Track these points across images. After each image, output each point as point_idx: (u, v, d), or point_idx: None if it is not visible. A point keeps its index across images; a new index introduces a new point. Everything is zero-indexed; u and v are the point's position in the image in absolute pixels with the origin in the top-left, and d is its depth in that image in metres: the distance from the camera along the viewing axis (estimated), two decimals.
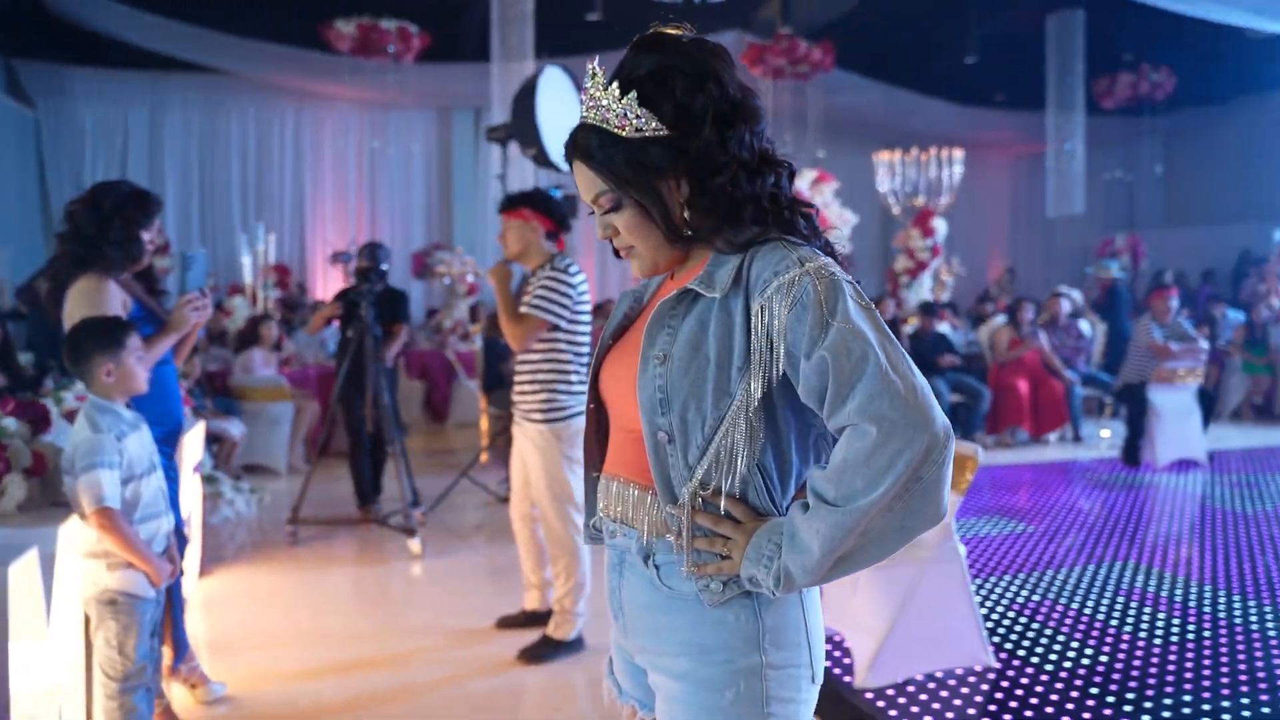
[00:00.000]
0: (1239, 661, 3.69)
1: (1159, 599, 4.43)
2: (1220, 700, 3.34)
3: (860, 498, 1.27)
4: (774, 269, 1.34)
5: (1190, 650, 3.80)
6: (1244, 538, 5.51)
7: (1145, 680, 3.51)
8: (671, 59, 1.40)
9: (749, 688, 1.39)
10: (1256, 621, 4.13)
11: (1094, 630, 4.01)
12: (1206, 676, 3.55)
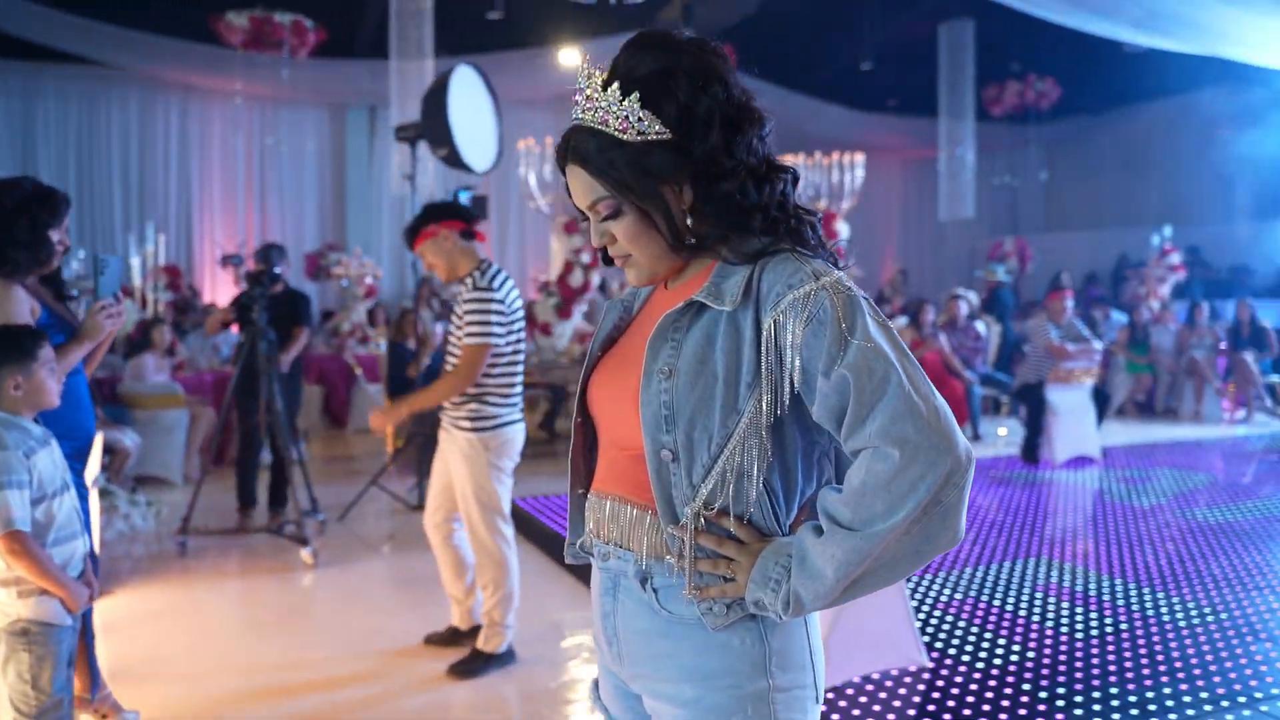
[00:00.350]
0: (1156, 650, 3.81)
1: (1074, 593, 4.54)
2: (1144, 691, 3.43)
3: (879, 522, 1.23)
4: (787, 282, 1.29)
5: (1110, 642, 3.90)
6: (1142, 530, 5.71)
7: (1073, 674, 3.58)
8: (674, 59, 1.33)
9: (756, 712, 1.34)
10: (1167, 611, 4.27)
11: (1018, 626, 4.09)
12: (1129, 667, 3.64)
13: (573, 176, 1.39)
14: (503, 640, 3.87)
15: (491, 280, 3.77)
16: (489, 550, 3.84)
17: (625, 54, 1.36)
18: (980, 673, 3.60)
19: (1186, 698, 3.39)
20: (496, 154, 6.40)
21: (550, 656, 4.02)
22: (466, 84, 6.13)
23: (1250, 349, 10.46)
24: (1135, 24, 10.13)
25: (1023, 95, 14.26)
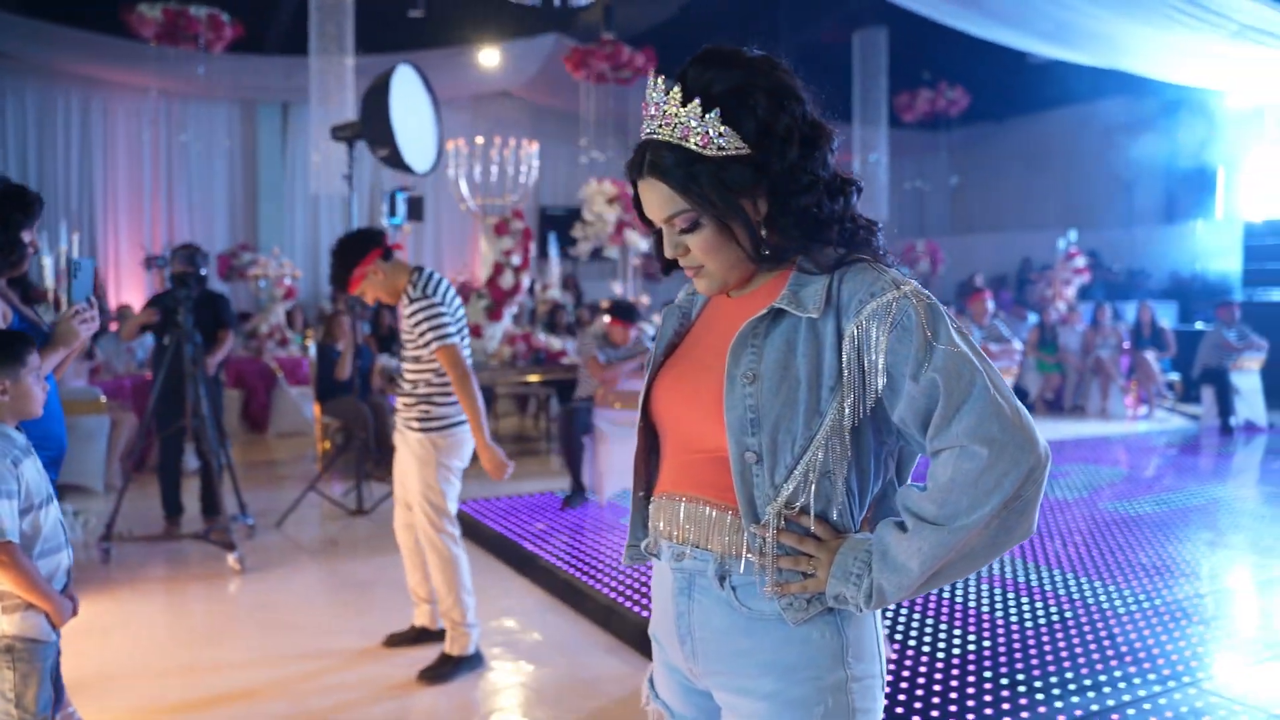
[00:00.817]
0: (1101, 635, 3.99)
1: (1016, 584, 4.72)
2: (1096, 674, 3.60)
3: (964, 517, 1.29)
4: (869, 290, 1.35)
5: (1057, 628, 4.07)
6: (1067, 522, 5.96)
7: (1028, 660, 3.73)
8: (751, 77, 1.37)
9: (836, 703, 1.39)
10: (1105, 598, 4.48)
11: (969, 616, 4.24)
12: (1078, 652, 3.81)
13: (649, 189, 1.42)
14: (469, 640, 3.87)
15: (426, 286, 3.79)
16: (438, 549, 3.85)
17: (696, 70, 1.39)
18: (942, 661, 3.72)
19: (1136, 680, 3.56)
20: (436, 155, 6.37)
21: (512, 656, 4.02)
22: (407, 84, 6.10)
23: (1151, 348, 10.96)
24: (1044, 36, 10.51)
25: (934, 103, 14.67)
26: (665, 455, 1.54)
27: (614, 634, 4.25)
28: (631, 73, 12.24)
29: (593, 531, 5.83)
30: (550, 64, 13.69)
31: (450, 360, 3.71)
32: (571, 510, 6.36)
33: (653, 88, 1.40)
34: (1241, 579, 5.05)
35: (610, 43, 11.85)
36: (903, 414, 1.34)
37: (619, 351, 6.67)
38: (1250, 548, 5.57)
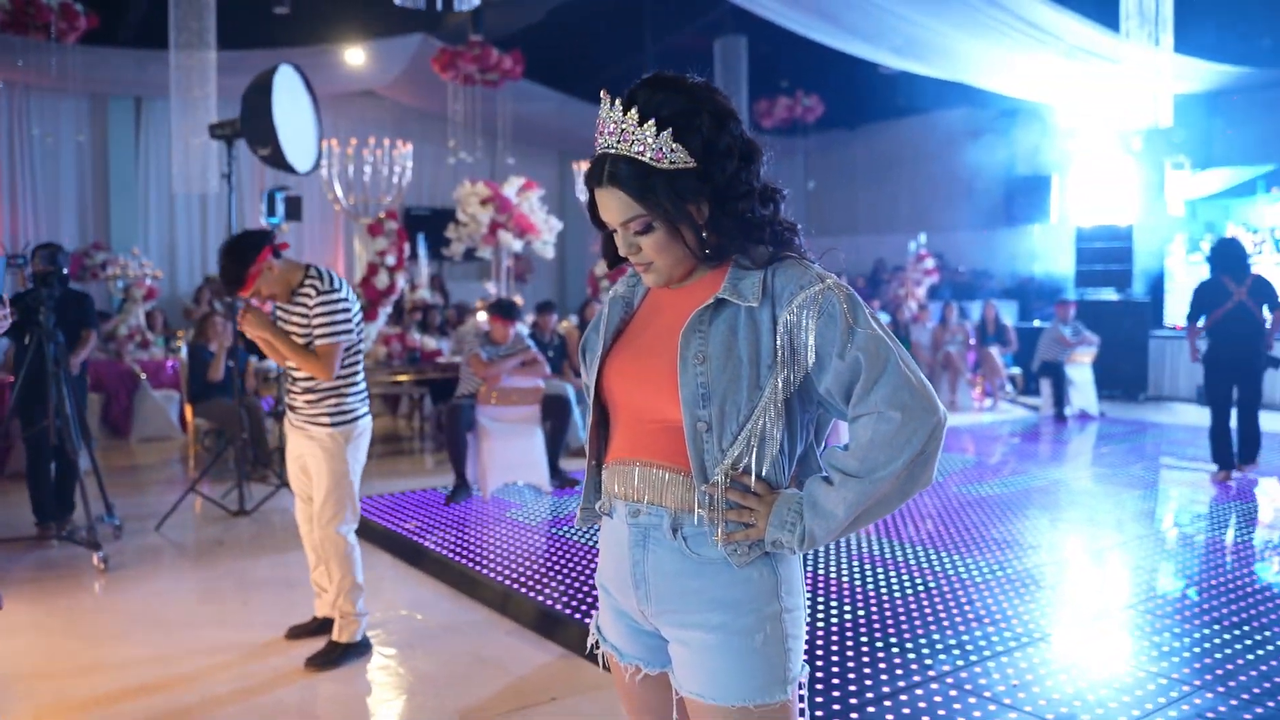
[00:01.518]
0: (962, 601, 4.38)
1: (885, 560, 5.10)
2: (960, 635, 3.97)
3: (881, 469, 1.55)
4: (799, 283, 1.59)
5: (924, 597, 4.45)
6: (928, 505, 6.41)
7: (899, 626, 4.09)
8: (696, 100, 1.59)
9: (774, 629, 1.64)
10: (964, 569, 4.89)
11: (844, 590, 4.58)
12: (943, 616, 4.19)
13: (608, 197, 1.62)
14: (357, 628, 3.97)
15: (332, 281, 3.90)
16: (333, 540, 3.93)
17: (646, 93, 1.60)
18: (822, 629, 4.03)
19: (995, 638, 3.95)
20: (317, 154, 6.39)
21: (415, 642, 4.15)
22: (288, 83, 6.11)
23: (995, 344, 11.70)
24: (895, 50, 11.12)
25: (792, 109, 15.24)
26: (618, 427, 1.75)
27: (511, 618, 4.42)
28: (499, 75, 12.33)
29: (480, 525, 5.97)
30: (416, 64, 13.65)
31: (327, 356, 3.80)
32: (456, 505, 6.48)
33: (610, 108, 1.61)
34: (1078, 550, 5.56)
35: (479, 45, 11.92)
36: (829, 386, 1.59)
37: (500, 349, 6.82)
38: (1085, 522, 6.12)
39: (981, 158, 15.14)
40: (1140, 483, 7.40)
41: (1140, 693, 3.43)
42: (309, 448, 3.96)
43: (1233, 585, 4.72)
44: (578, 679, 3.72)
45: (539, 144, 16.89)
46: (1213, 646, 3.88)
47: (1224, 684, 3.51)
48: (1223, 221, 12.68)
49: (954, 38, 10.59)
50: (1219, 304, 7.29)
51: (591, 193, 1.67)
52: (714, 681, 1.63)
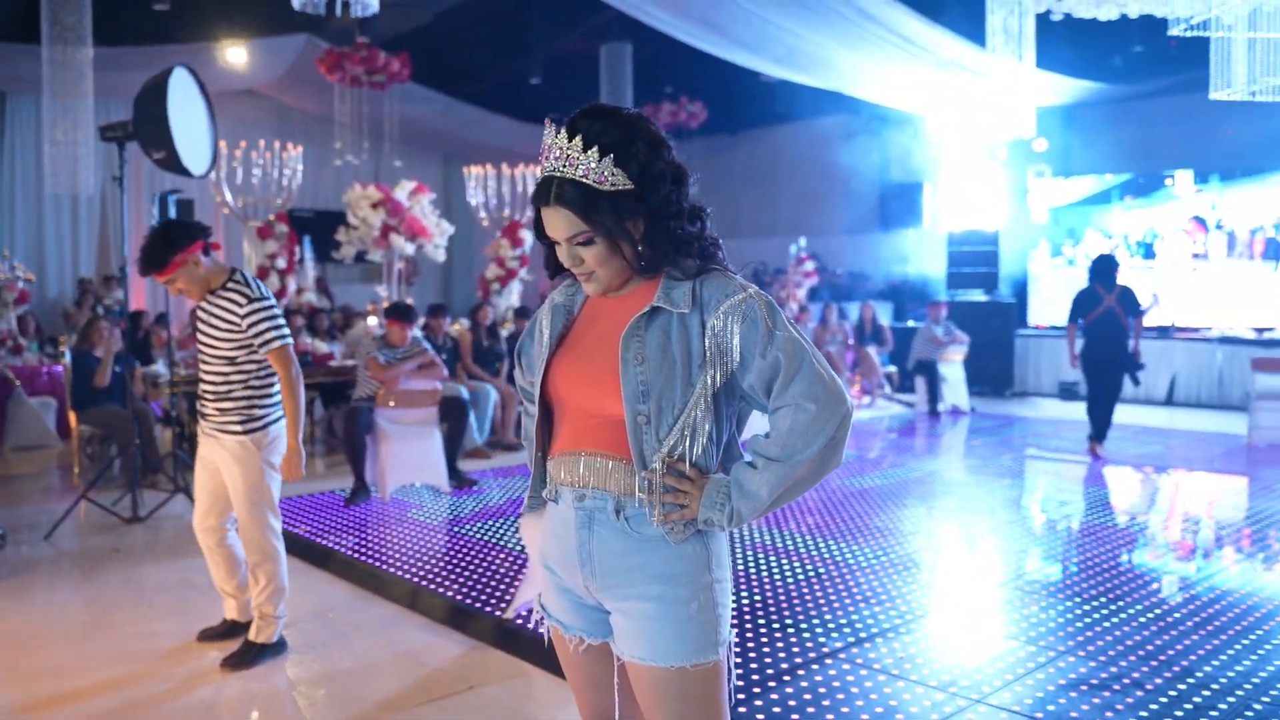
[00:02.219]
0: (850, 585, 4.68)
1: (776, 549, 5.37)
2: (850, 615, 4.26)
3: (800, 454, 1.77)
4: (724, 292, 1.80)
5: (815, 582, 4.73)
6: (813, 498, 6.72)
7: (794, 608, 4.35)
8: (633, 130, 1.79)
9: (706, 598, 1.84)
10: (852, 556, 5.20)
11: (741, 575, 4.83)
12: (833, 599, 4.47)
13: (554, 214, 1.80)
14: (274, 630, 4.03)
15: (259, 288, 3.96)
16: (262, 546, 3.98)
17: (587, 122, 1.78)
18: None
19: (881, 616, 4.25)
20: (212, 157, 6.36)
21: (330, 641, 4.22)
22: (183, 86, 6.06)
23: (872, 344, 12.21)
24: (777, 60, 11.52)
25: (676, 115, 15.56)
26: (562, 422, 1.93)
27: (421, 613, 4.53)
28: (386, 77, 12.30)
29: (382, 525, 6.04)
30: (299, 64, 13.51)
31: (286, 360, 3.87)
32: (356, 507, 6.52)
33: (555, 135, 1.79)
34: (953, 535, 5.95)
35: (365, 47, 11.88)
36: (752, 382, 1.80)
37: (398, 352, 6.88)
38: (959, 510, 6.53)
39: (857, 164, 15.73)
40: (1009, 472, 7.90)
41: (1013, 659, 3.76)
42: (221, 456, 3.97)
43: (1091, 562, 5.14)
44: (492, 668, 3.86)
45: (423, 146, 16.85)
46: (1075, 616, 4.25)
47: (1084, 649, 3.86)
48: (1082, 228, 13.49)
49: (832, 49, 11.03)
50: (1092, 309, 8.29)
51: (538, 210, 1.84)
52: (654, 646, 1.83)
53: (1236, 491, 7.18)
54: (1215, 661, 3.73)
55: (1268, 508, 6.37)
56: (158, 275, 3.91)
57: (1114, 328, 8.24)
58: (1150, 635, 4.02)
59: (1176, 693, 3.45)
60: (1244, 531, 5.91)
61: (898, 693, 3.48)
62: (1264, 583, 4.85)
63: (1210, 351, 11.63)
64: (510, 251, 10.58)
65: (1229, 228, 12.60)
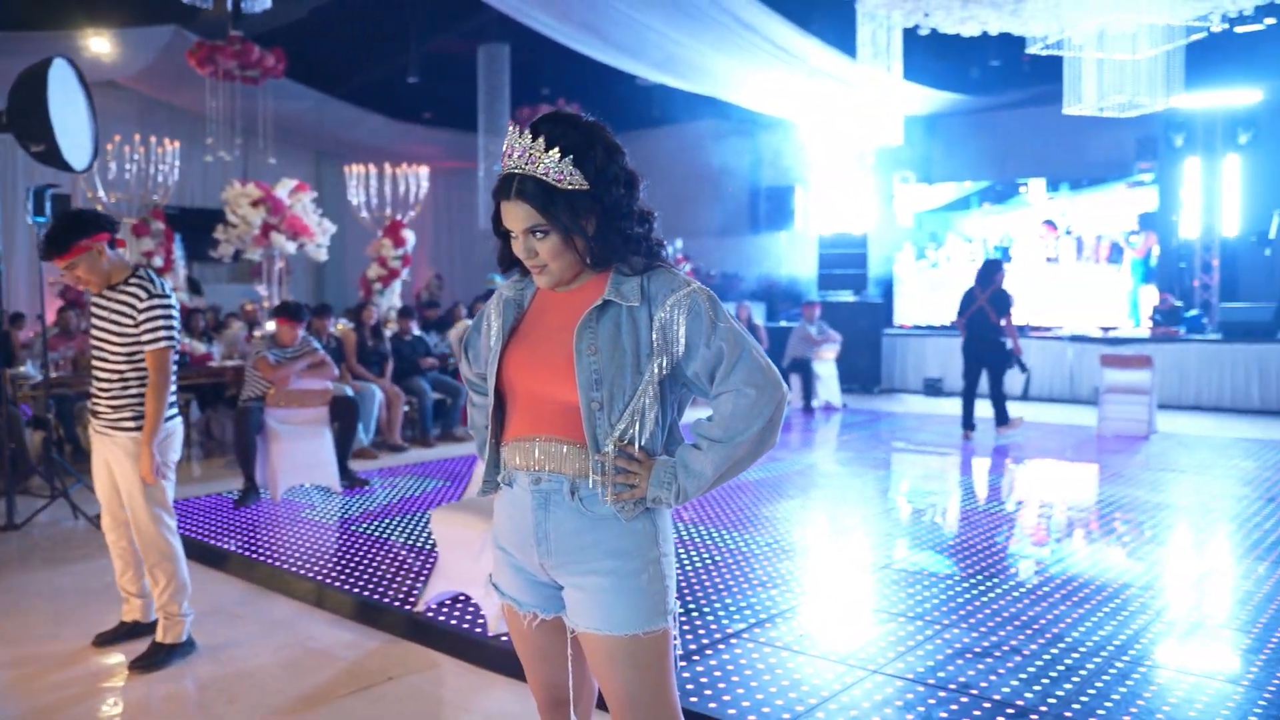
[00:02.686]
0: (745, 570, 4.90)
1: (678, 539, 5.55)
2: (748, 597, 4.48)
3: (740, 435, 1.94)
4: (670, 287, 1.96)
5: (713, 569, 4.94)
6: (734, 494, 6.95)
7: (695, 593, 4.55)
8: (591, 135, 1.94)
9: (655, 570, 2.00)
10: (744, 544, 5.43)
11: None
12: (731, 584, 4.69)
13: (514, 207, 1.93)
14: (182, 629, 4.01)
15: (161, 285, 3.95)
16: (157, 544, 3.95)
17: (549, 126, 1.93)
18: None
19: (778, 597, 4.49)
20: (93, 151, 6.19)
21: (228, 641, 4.22)
22: (63, 77, 5.89)
23: None
24: (656, 65, 11.76)
25: None
26: (516, 409, 2.06)
27: (329, 610, 4.56)
28: (260, 72, 12.06)
29: (278, 525, 6.00)
30: (166, 57, 13.11)
31: (161, 363, 3.86)
32: (247, 508, 6.45)
33: (518, 136, 1.93)
34: (835, 523, 6.25)
35: (240, 40, 11.63)
36: (696, 370, 1.97)
37: (287, 351, 6.83)
38: (839, 500, 6.86)
39: (731, 168, 16.13)
40: (881, 464, 8.31)
41: (903, 633, 4.04)
42: (114, 453, 3.93)
43: (964, 544, 5.50)
44: (410, 660, 3.94)
45: (294, 144, 16.53)
46: (955, 594, 4.57)
47: (965, 622, 4.18)
48: (944, 232, 14.17)
49: (709, 55, 11.33)
50: (968, 307, 9.25)
51: (498, 204, 1.97)
52: (609, 616, 1.98)
53: (1089, 478, 7.73)
54: (1081, 628, 4.09)
55: (1117, 492, 6.89)
56: (58, 259, 3.85)
57: (983, 326, 9.10)
58: (1023, 608, 4.36)
59: (1050, 656, 3.78)
60: (1097, 513, 6.39)
61: (800, 666, 3.70)
62: (1118, 557, 5.29)
63: (1062, 349, 12.38)
64: (392, 251, 10.52)
65: (1077, 233, 13.44)
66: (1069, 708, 3.32)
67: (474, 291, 19.31)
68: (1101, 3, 8.17)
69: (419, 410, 9.27)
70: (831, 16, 11.31)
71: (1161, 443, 9.08)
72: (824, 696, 3.43)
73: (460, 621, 4.19)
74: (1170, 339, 11.79)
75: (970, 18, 8.80)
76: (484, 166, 15.46)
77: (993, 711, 3.30)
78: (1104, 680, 3.54)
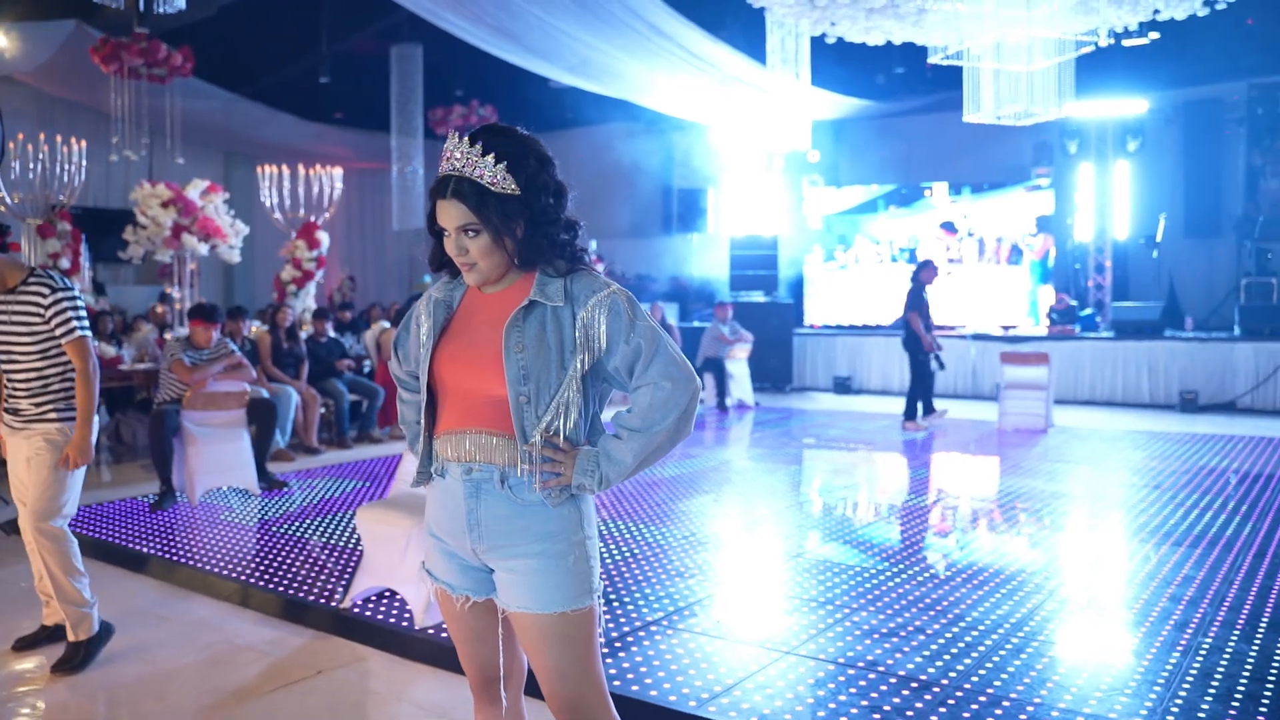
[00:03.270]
0: (658, 565, 5.07)
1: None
2: (662, 591, 4.64)
3: (658, 425, 2.09)
4: (591, 289, 2.10)
5: (631, 562, 5.09)
6: (619, 489, 7.11)
7: (615, 583, 4.70)
8: (525, 146, 2.08)
9: (580, 552, 2.14)
10: (662, 538, 5.60)
11: None
12: (649, 577, 4.85)
13: (450, 206, 2.06)
14: (91, 620, 3.97)
15: (64, 280, 3.95)
16: (55, 536, 3.92)
17: (487, 136, 2.07)
18: None
19: (696, 586, 4.66)
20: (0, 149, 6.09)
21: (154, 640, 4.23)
22: None
23: None
24: (570, 69, 11.90)
25: (467, 118, 15.67)
26: (448, 404, 2.18)
27: (255, 609, 4.60)
28: (168, 70, 11.87)
29: (197, 528, 5.98)
30: (66, 52, 12.80)
31: (84, 352, 3.88)
32: (163, 511, 6.40)
33: (458, 142, 2.05)
34: (748, 517, 6.46)
35: (146, 38, 11.43)
36: (617, 364, 2.11)
37: (203, 353, 6.79)
38: (752, 494, 7.08)
39: (643, 170, 16.33)
40: (792, 460, 8.56)
41: (814, 617, 4.25)
42: (32, 444, 3.91)
43: (872, 534, 5.75)
44: (338, 654, 4.01)
45: (201, 143, 16.25)
46: (861, 580, 4.80)
47: (872, 605, 4.40)
48: (852, 234, 14.55)
49: (623, 60, 11.51)
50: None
51: (434, 204, 2.10)
52: (538, 596, 2.11)
53: (991, 470, 8.09)
54: (980, 609, 4.34)
55: (1017, 483, 7.24)
56: None
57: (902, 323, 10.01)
58: (926, 591, 4.61)
59: (951, 634, 4.02)
60: (999, 503, 6.71)
61: (719, 650, 3.88)
62: (1018, 544, 5.59)
63: (965, 347, 12.84)
64: (307, 253, 10.46)
65: (979, 235, 13.94)
66: (968, 680, 3.55)
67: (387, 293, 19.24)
68: (997, 17, 8.54)
69: (335, 412, 9.25)
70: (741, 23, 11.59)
71: (1058, 436, 9.52)
72: (740, 677, 3.61)
73: (386, 616, 4.27)
74: (1066, 337, 12.32)
75: (874, 27, 9.12)
76: (396, 167, 15.41)
77: (898, 686, 3.52)
78: (999, 655, 3.79)
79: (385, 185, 17.88)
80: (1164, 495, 6.69)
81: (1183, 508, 6.29)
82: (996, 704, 3.36)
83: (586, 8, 10.13)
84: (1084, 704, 3.35)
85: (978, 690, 3.48)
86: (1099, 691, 3.45)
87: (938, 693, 3.46)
